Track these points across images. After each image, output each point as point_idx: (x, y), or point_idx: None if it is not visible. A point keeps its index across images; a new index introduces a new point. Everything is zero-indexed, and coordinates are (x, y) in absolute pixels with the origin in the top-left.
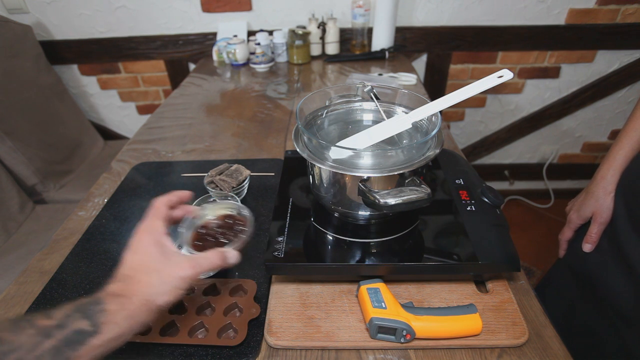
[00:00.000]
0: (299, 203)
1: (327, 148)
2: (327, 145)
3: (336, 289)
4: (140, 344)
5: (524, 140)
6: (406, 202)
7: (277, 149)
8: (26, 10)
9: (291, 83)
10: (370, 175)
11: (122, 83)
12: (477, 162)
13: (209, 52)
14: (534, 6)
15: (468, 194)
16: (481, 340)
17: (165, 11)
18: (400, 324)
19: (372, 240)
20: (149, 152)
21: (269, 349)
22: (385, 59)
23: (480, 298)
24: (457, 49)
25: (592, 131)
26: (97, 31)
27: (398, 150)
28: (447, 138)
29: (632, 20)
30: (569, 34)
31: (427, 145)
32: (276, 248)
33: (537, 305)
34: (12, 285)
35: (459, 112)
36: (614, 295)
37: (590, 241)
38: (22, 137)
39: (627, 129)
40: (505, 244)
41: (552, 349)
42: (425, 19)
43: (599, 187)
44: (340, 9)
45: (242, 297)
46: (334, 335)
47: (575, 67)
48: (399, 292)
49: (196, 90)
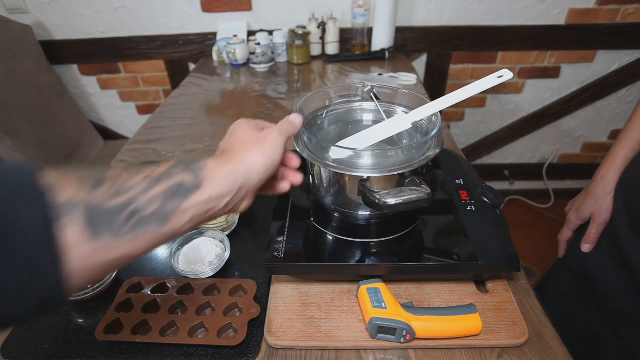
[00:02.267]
0: (299, 203)
1: (327, 148)
2: (327, 144)
3: (336, 289)
4: (140, 344)
5: (524, 140)
6: (406, 202)
7: None
8: (26, 10)
9: (291, 83)
10: (370, 175)
11: (122, 83)
12: (477, 162)
13: (209, 52)
14: (534, 6)
15: (468, 194)
16: (481, 340)
17: (165, 11)
18: (400, 324)
19: (372, 240)
20: (149, 152)
21: (269, 349)
22: (385, 59)
23: (480, 298)
24: (457, 49)
25: (592, 131)
26: (97, 31)
27: (398, 150)
28: (447, 138)
29: (632, 20)
30: (569, 34)
31: (427, 145)
32: (276, 248)
33: (537, 305)
34: None
35: (459, 112)
36: (614, 295)
37: (589, 241)
38: (22, 137)
39: (627, 129)
40: (505, 244)
41: (552, 349)
42: (425, 19)
43: (599, 188)
44: (340, 9)
45: (242, 297)
46: (334, 335)
47: (575, 67)
48: (399, 292)
49: (196, 90)
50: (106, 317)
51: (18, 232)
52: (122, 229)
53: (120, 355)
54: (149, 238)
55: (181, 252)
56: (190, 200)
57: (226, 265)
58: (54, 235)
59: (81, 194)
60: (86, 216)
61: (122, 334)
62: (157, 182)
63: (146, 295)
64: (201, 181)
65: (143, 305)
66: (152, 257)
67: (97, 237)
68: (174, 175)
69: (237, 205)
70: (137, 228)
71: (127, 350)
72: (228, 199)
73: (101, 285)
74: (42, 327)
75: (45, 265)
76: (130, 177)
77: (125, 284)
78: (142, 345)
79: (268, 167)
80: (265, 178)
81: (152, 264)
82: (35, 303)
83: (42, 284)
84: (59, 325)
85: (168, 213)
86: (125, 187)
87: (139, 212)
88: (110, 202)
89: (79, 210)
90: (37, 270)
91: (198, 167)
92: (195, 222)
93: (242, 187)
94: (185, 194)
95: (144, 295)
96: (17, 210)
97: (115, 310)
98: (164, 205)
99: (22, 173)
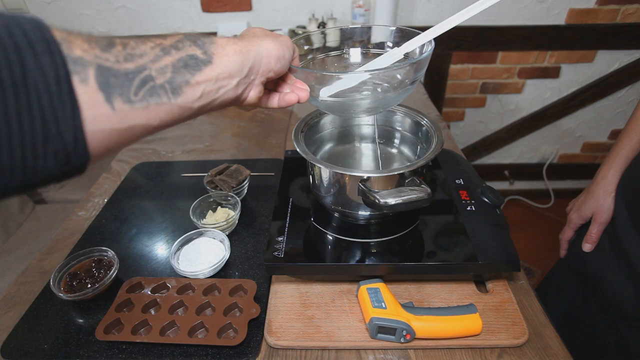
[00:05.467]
0: (299, 203)
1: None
2: (320, 72)
3: (336, 289)
4: (140, 343)
5: (524, 140)
6: (406, 202)
7: (277, 149)
8: (26, 10)
9: None
10: (370, 175)
11: None
12: (477, 162)
13: None
14: (534, 6)
15: (468, 194)
16: (481, 340)
17: (165, 11)
18: (400, 324)
19: (372, 240)
20: (149, 152)
21: (269, 349)
22: None
23: (480, 298)
24: (457, 49)
25: (592, 131)
26: (97, 31)
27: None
28: (447, 138)
29: (632, 20)
30: (569, 34)
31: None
32: (276, 248)
33: (537, 305)
34: (12, 285)
35: (459, 112)
36: (615, 295)
37: (590, 241)
38: None
39: (628, 129)
40: (505, 244)
41: (552, 349)
42: (425, 18)
43: (600, 187)
44: (340, 9)
45: (242, 297)
46: (334, 335)
47: (575, 67)
48: (399, 292)
49: None
50: (106, 317)
51: (39, 79)
52: (135, 96)
53: (120, 355)
54: (163, 109)
55: (181, 252)
56: (201, 74)
57: (226, 265)
58: (73, 88)
59: (92, 53)
60: (99, 76)
61: (122, 334)
62: (167, 52)
63: (146, 295)
64: (211, 56)
65: (143, 305)
66: (152, 257)
67: (110, 100)
68: (183, 48)
69: (246, 90)
70: (150, 97)
71: (127, 350)
72: (238, 79)
73: (101, 285)
74: (42, 327)
75: (64, 119)
76: (138, 44)
77: (125, 284)
78: (142, 345)
79: (279, 58)
80: (275, 70)
81: (152, 264)
82: (55, 161)
83: (60, 139)
84: (59, 325)
85: (180, 85)
86: (136, 52)
87: (150, 80)
88: (122, 65)
89: (92, 68)
90: (56, 123)
91: (207, 41)
92: (207, 100)
93: (252, 70)
94: (195, 67)
95: (144, 295)
96: (36, 56)
97: (115, 310)
98: (175, 76)
99: (36, 23)
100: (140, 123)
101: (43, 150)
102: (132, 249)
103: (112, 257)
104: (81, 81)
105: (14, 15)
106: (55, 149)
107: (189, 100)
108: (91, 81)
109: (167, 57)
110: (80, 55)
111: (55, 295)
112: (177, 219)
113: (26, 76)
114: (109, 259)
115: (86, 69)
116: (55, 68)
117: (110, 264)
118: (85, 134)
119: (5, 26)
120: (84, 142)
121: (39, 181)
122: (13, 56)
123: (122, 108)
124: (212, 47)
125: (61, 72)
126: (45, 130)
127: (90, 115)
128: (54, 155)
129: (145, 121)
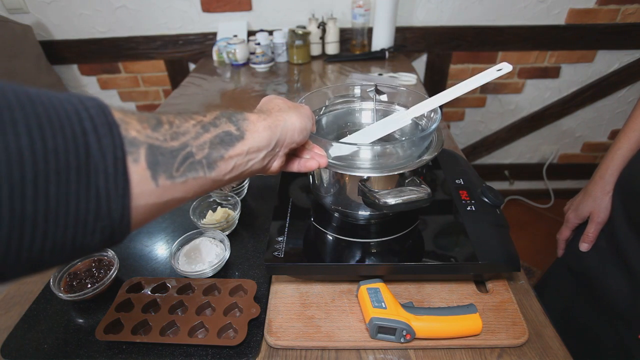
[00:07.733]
0: (299, 203)
1: (327, 145)
2: (328, 142)
3: (336, 289)
4: (140, 343)
5: (524, 140)
6: (406, 202)
7: None
8: (26, 10)
9: (291, 83)
10: (370, 175)
11: (122, 83)
12: (477, 162)
13: (209, 52)
14: (534, 6)
15: (468, 194)
16: (481, 340)
17: (165, 11)
18: (400, 324)
19: (372, 240)
20: None
21: (269, 349)
22: (385, 59)
23: (480, 298)
24: (457, 49)
25: (592, 131)
26: (97, 31)
27: (397, 146)
28: (447, 138)
29: (632, 20)
30: (569, 34)
31: (427, 140)
32: (276, 248)
33: (537, 305)
34: (12, 285)
35: (459, 112)
36: (612, 295)
37: (587, 240)
38: None
39: (626, 129)
40: (505, 244)
41: (552, 349)
42: (425, 18)
43: (597, 187)
44: (340, 9)
45: (242, 297)
46: (334, 335)
47: (575, 67)
48: (399, 292)
49: (196, 90)
50: (106, 317)
51: (99, 161)
52: (177, 172)
53: (120, 355)
54: (198, 183)
55: (181, 252)
56: (234, 149)
57: (226, 265)
58: (127, 168)
59: (144, 133)
60: (149, 156)
61: (122, 334)
62: (206, 130)
63: (146, 295)
64: (244, 132)
65: (143, 305)
66: (152, 257)
67: (156, 177)
68: (220, 125)
69: (271, 161)
70: (189, 172)
71: (127, 350)
72: (265, 152)
73: (101, 285)
74: (42, 327)
75: (116, 198)
76: (182, 122)
77: (125, 284)
78: (142, 345)
79: (301, 131)
80: (298, 141)
81: (152, 264)
82: (101, 237)
83: (109, 216)
84: (59, 325)
85: (215, 159)
86: (180, 131)
87: (191, 156)
88: (169, 144)
89: (143, 148)
90: (108, 202)
91: (241, 118)
92: (237, 172)
93: (278, 143)
94: (229, 142)
95: (144, 295)
96: (99, 140)
97: (115, 310)
98: (211, 152)
99: (99, 105)
100: (177, 197)
101: (92, 227)
102: (132, 249)
103: (112, 257)
104: (134, 161)
105: (80, 98)
106: (103, 226)
107: (222, 173)
108: (142, 160)
109: (206, 134)
110: (135, 136)
111: (55, 295)
112: (177, 219)
113: (89, 159)
114: (109, 259)
115: (139, 149)
116: (114, 150)
117: (110, 264)
118: (130, 210)
119: (75, 112)
120: (129, 218)
121: (81, 255)
122: (80, 141)
123: (165, 184)
124: (245, 124)
125: (119, 154)
126: (98, 209)
127: (137, 192)
128: (101, 231)
129: (182, 194)
